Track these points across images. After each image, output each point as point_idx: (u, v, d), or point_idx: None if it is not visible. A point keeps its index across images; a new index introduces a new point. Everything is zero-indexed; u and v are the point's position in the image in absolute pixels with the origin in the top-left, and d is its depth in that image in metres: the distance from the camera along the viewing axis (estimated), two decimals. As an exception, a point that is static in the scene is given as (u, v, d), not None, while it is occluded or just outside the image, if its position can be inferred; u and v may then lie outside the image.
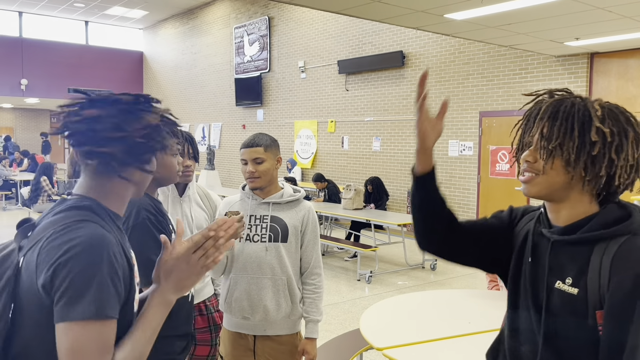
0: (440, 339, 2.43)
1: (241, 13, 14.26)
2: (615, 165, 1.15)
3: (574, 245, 1.18)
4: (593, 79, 7.81)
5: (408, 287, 6.29)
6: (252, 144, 2.24)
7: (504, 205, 6.15)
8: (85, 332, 1.02)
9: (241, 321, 2.25)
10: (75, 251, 1.03)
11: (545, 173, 1.19)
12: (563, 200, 1.21)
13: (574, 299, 1.15)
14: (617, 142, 1.14)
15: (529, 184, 1.23)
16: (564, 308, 1.17)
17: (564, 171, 1.17)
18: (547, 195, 1.22)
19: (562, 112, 1.17)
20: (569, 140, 1.16)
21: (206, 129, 15.86)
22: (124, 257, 1.14)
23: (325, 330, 4.73)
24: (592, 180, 1.17)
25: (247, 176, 2.23)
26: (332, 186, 8.71)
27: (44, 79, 16.95)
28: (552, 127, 1.18)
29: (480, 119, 9.04)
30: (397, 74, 10.33)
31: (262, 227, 2.24)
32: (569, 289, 1.16)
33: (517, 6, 5.30)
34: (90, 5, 15.84)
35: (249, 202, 2.29)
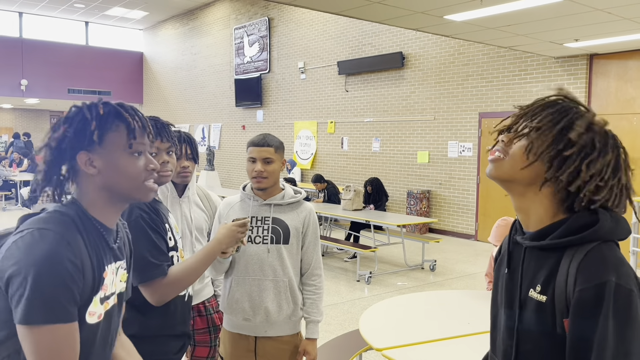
0: (439, 339, 2.44)
1: (241, 14, 14.27)
2: (579, 177, 1.12)
3: (544, 251, 1.16)
4: (592, 81, 7.83)
5: (407, 287, 6.30)
6: (264, 143, 2.20)
7: (503, 207, 6.19)
8: (36, 335, 1.08)
9: (242, 322, 2.24)
10: (26, 261, 1.08)
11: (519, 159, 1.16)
12: (525, 197, 1.19)
13: (543, 307, 1.13)
14: (593, 157, 1.12)
15: (494, 164, 1.21)
16: (534, 317, 1.15)
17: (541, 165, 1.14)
18: (508, 181, 1.19)
19: (558, 106, 1.17)
20: (549, 129, 1.14)
21: (206, 130, 15.87)
22: (90, 269, 1.18)
23: (325, 330, 4.74)
24: (550, 179, 1.14)
25: (255, 175, 2.20)
26: (331, 187, 8.71)
27: (44, 80, 16.96)
28: (541, 112, 1.16)
29: (480, 120, 9.05)
30: (397, 75, 10.35)
31: (264, 229, 2.24)
32: (538, 296, 1.14)
33: (516, 7, 5.31)
34: (91, 5, 15.85)
35: (250, 203, 2.28)
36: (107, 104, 1.25)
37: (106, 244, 1.25)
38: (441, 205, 9.73)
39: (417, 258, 7.67)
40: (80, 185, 1.24)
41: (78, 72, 17.57)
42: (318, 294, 2.31)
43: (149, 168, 1.28)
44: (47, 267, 1.08)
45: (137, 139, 1.26)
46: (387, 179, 10.49)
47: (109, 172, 1.23)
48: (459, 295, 3.15)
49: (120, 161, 1.24)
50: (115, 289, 1.30)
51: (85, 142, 1.21)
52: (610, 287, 1.03)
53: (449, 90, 9.50)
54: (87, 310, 1.19)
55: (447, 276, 6.86)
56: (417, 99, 10.02)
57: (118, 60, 18.54)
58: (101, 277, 1.21)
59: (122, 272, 1.33)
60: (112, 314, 1.29)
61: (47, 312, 1.08)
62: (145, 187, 1.27)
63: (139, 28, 18.88)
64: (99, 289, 1.21)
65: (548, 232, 1.15)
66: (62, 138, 1.21)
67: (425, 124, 9.91)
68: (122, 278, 1.34)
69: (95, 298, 1.20)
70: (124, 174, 1.24)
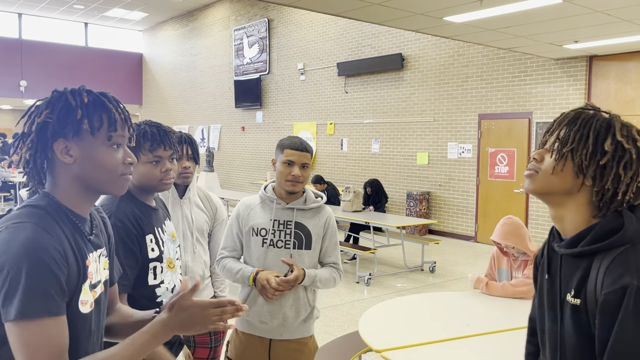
0: (438, 341, 2.43)
1: (241, 15, 14.28)
2: (621, 181, 1.16)
3: (577, 257, 1.21)
4: (592, 82, 7.83)
5: (407, 289, 6.29)
6: (304, 148, 2.19)
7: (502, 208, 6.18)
8: (25, 331, 1.06)
9: (258, 325, 2.23)
10: (8, 255, 1.06)
11: (554, 174, 1.22)
12: (563, 206, 1.24)
13: (578, 310, 1.18)
14: (627, 159, 1.17)
15: (529, 179, 1.28)
16: (572, 320, 1.21)
17: (574, 176, 1.20)
18: (544, 194, 1.25)
19: (582, 120, 1.22)
20: (583, 146, 1.19)
21: (205, 131, 15.87)
22: (73, 258, 1.16)
23: (325, 332, 4.73)
24: (599, 191, 1.19)
25: (291, 179, 2.16)
26: (331, 188, 8.71)
27: (43, 81, 16.95)
28: (569, 131, 1.22)
29: (480, 122, 9.05)
30: (397, 77, 10.35)
31: (286, 233, 2.21)
32: (573, 300, 1.20)
33: (516, 9, 5.31)
34: (90, 7, 15.85)
35: (273, 206, 2.25)
36: (90, 92, 1.23)
37: (82, 233, 1.23)
38: (441, 206, 9.72)
39: (416, 260, 7.66)
40: (53, 175, 1.21)
41: (77, 74, 17.56)
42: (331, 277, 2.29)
43: (126, 161, 1.24)
44: (31, 257, 1.06)
45: (117, 131, 1.23)
46: (387, 180, 10.48)
47: (85, 162, 1.20)
48: (458, 297, 3.14)
49: (98, 152, 1.20)
50: (101, 277, 1.28)
51: (64, 130, 1.18)
52: (632, 289, 1.08)
53: (449, 92, 9.50)
54: (79, 300, 1.18)
55: (447, 278, 6.85)
56: (416, 101, 10.02)
57: (117, 61, 18.55)
58: (85, 265, 1.20)
59: (103, 259, 1.32)
60: (100, 302, 1.28)
61: (41, 305, 1.06)
62: (120, 181, 1.24)
63: (139, 29, 18.88)
64: (85, 276, 1.19)
65: (580, 239, 1.20)
66: (44, 125, 1.18)
67: (424, 126, 9.91)
68: (105, 265, 1.32)
69: (84, 286, 1.19)
70: (101, 165, 1.21)
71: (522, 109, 8.49)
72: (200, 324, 1.22)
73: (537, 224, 8.34)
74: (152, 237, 1.81)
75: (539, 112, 8.27)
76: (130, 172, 1.27)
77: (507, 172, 8.71)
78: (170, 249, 1.90)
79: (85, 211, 1.26)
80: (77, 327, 1.17)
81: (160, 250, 1.83)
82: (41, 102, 1.22)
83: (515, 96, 8.58)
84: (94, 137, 1.20)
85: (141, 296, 1.76)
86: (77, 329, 1.17)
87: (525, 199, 8.50)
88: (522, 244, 3.08)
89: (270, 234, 2.21)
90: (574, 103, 7.87)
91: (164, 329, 1.21)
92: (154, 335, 1.20)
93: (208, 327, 1.22)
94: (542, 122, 8.22)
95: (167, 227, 1.93)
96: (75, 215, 1.22)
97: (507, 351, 2.35)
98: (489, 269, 3.41)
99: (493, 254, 3.35)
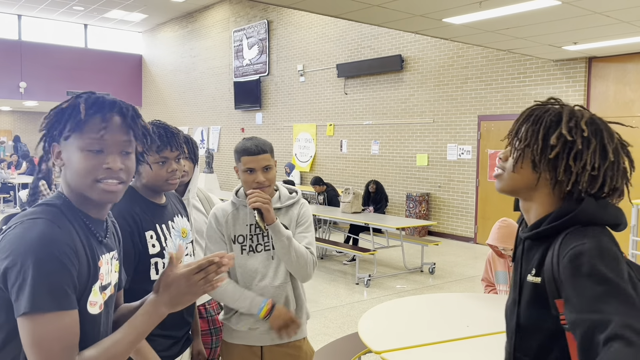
0: (438, 342, 2.43)
1: (240, 17, 14.28)
2: (572, 172, 1.20)
3: (538, 239, 1.26)
4: (591, 84, 7.84)
5: (406, 290, 6.29)
6: (259, 150, 2.04)
7: (502, 209, 6.17)
8: (37, 325, 1.06)
9: (247, 333, 2.15)
10: (21, 249, 1.07)
11: (515, 171, 1.27)
12: (531, 199, 1.29)
13: (538, 288, 1.22)
14: (576, 150, 1.19)
15: (497, 180, 1.34)
16: (532, 299, 1.24)
17: (532, 172, 1.25)
18: (511, 192, 1.30)
19: (534, 116, 1.26)
20: (534, 142, 1.23)
21: (205, 132, 15.87)
22: (84, 256, 1.17)
23: (324, 333, 4.73)
24: (555, 183, 1.23)
25: (256, 187, 2.05)
26: (330, 190, 8.71)
27: (43, 82, 16.96)
28: (523, 129, 1.27)
29: (479, 123, 9.06)
30: (396, 78, 10.35)
31: (264, 235, 2.14)
32: (534, 279, 1.23)
33: (515, 11, 5.32)
34: (90, 8, 15.86)
35: (247, 211, 2.15)
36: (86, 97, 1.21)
37: (95, 235, 1.24)
38: (440, 208, 9.72)
39: (416, 261, 7.66)
40: (63, 177, 1.24)
41: (77, 75, 17.57)
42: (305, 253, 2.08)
43: (103, 167, 1.19)
44: (43, 251, 1.07)
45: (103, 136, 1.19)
46: (386, 181, 10.48)
47: (67, 167, 1.21)
48: (458, 298, 3.14)
49: (73, 156, 1.19)
50: (111, 280, 1.29)
51: (57, 135, 1.21)
52: (583, 252, 1.10)
53: (448, 93, 9.50)
54: (87, 301, 1.18)
55: (446, 279, 6.85)
56: (416, 102, 10.02)
57: (117, 62, 18.55)
58: (96, 265, 1.21)
59: (115, 262, 1.32)
60: (109, 305, 1.29)
61: (53, 299, 1.07)
62: (97, 187, 1.19)
63: (138, 31, 18.89)
64: (96, 277, 1.20)
65: (541, 222, 1.25)
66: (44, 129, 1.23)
67: (424, 127, 9.91)
68: (116, 268, 1.33)
69: (94, 287, 1.20)
70: (75, 170, 1.19)
71: (521, 110, 8.46)
72: (190, 293, 1.21)
73: (536, 225, 8.34)
74: (152, 233, 1.83)
75: (539, 113, 8.27)
76: (114, 177, 1.20)
77: (507, 174, 8.71)
78: (171, 246, 1.90)
79: (96, 213, 1.26)
80: (85, 328, 1.17)
81: (162, 246, 1.85)
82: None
83: (515, 97, 8.58)
84: (74, 141, 1.19)
85: (144, 291, 1.77)
86: (85, 330, 1.18)
87: (525, 200, 8.50)
88: None
89: (249, 239, 2.13)
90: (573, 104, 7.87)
91: (156, 308, 1.21)
92: (149, 315, 1.21)
93: (198, 293, 1.21)
94: (542, 123, 8.22)
95: (177, 223, 1.95)
96: (87, 217, 1.23)
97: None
98: (485, 273, 3.41)
99: (488, 258, 3.34)
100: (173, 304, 1.21)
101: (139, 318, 1.20)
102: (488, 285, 3.41)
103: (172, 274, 1.22)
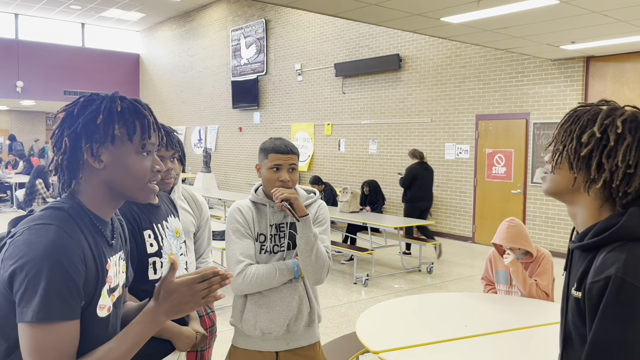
0: (436, 342, 2.42)
1: (238, 16, 14.26)
2: (605, 169, 1.16)
3: (584, 251, 1.23)
4: (589, 83, 7.84)
5: (404, 290, 6.28)
6: (288, 150, 2.07)
7: (500, 208, 6.16)
8: (40, 333, 1.06)
9: (261, 338, 2.10)
10: (30, 256, 1.06)
11: (555, 172, 1.26)
12: (573, 203, 1.26)
13: (579, 303, 1.19)
14: (609, 147, 1.16)
15: (543, 181, 1.31)
16: (575, 312, 1.22)
17: (569, 173, 1.23)
18: (555, 194, 1.28)
19: (573, 117, 1.24)
20: (569, 142, 1.22)
21: (202, 132, 15.85)
22: (92, 262, 1.16)
23: (322, 333, 4.72)
24: (591, 183, 1.19)
25: (279, 185, 2.04)
26: (328, 189, 8.70)
27: (40, 81, 16.91)
28: (561, 129, 1.26)
29: (477, 122, 9.06)
30: (394, 77, 10.35)
31: (280, 237, 2.12)
32: (576, 293, 1.21)
33: (513, 10, 5.31)
34: (87, 7, 15.82)
35: (267, 210, 2.13)
36: (124, 98, 1.24)
37: (103, 237, 1.23)
38: (438, 207, 9.72)
39: (414, 261, 7.66)
40: (83, 178, 1.22)
41: (74, 74, 17.53)
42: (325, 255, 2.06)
43: (154, 169, 1.25)
44: (52, 260, 1.06)
45: (150, 139, 1.24)
46: (384, 181, 10.48)
47: (115, 168, 1.21)
48: (455, 298, 3.13)
49: (130, 159, 1.21)
50: (119, 281, 1.29)
51: (97, 136, 1.19)
52: (614, 280, 1.07)
53: (446, 93, 9.50)
54: (97, 304, 1.18)
55: (444, 279, 6.85)
56: (414, 101, 10.02)
57: (114, 62, 18.52)
58: (104, 269, 1.21)
59: (122, 262, 1.33)
60: (118, 306, 1.29)
61: (58, 309, 1.07)
62: (147, 188, 1.25)
63: (136, 30, 18.85)
64: (104, 281, 1.20)
65: (586, 234, 1.22)
66: (75, 128, 1.19)
67: (422, 126, 9.91)
68: (123, 269, 1.34)
69: (103, 291, 1.19)
70: (131, 172, 1.21)
71: (519, 109, 8.50)
72: (191, 302, 1.20)
73: (534, 225, 8.34)
74: (150, 232, 1.82)
75: (536, 112, 8.28)
76: (158, 179, 1.28)
77: (505, 173, 8.71)
78: (173, 245, 1.90)
79: (107, 215, 1.26)
80: (94, 331, 1.18)
81: (160, 245, 1.84)
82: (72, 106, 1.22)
83: (513, 97, 8.58)
84: (126, 144, 1.21)
85: (142, 291, 1.77)
86: (95, 332, 1.18)
87: (523, 199, 8.50)
88: (529, 245, 3.06)
89: (269, 240, 2.11)
90: (571, 104, 7.88)
91: (154, 317, 1.19)
92: (146, 324, 1.19)
93: (200, 303, 1.20)
94: (540, 122, 8.22)
95: (171, 223, 1.94)
96: (98, 219, 1.23)
97: (504, 352, 2.34)
98: (485, 272, 3.39)
99: (489, 257, 3.33)
100: (173, 312, 1.20)
101: (135, 327, 1.19)
102: (488, 284, 3.40)
103: (174, 280, 1.21)
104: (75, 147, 1.19)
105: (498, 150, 8.79)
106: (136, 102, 1.24)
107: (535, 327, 2.63)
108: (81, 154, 1.19)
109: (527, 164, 8.45)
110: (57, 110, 1.24)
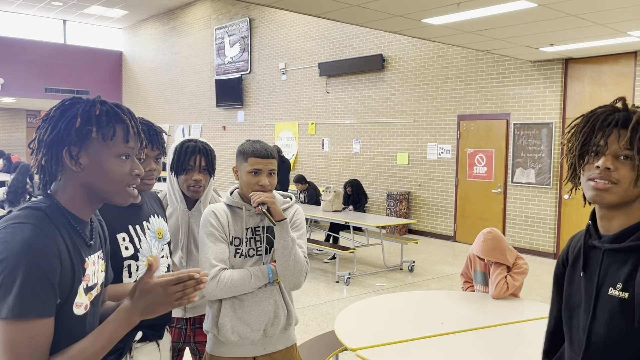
0: (413, 339, 2.47)
1: (222, 14, 14.22)
2: None
3: (625, 252, 1.21)
4: (568, 84, 7.98)
5: (386, 288, 6.34)
6: (268, 154, 2.06)
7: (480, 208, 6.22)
8: (12, 330, 1.08)
9: (237, 343, 2.08)
10: (6, 254, 1.09)
11: (629, 184, 1.20)
12: (618, 209, 1.23)
13: (624, 303, 1.18)
14: None
15: (605, 192, 1.21)
16: (613, 313, 1.20)
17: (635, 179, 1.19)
18: (619, 204, 1.22)
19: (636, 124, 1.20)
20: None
21: (186, 130, 15.77)
22: (68, 261, 1.18)
23: (303, 331, 4.75)
24: None
25: (258, 189, 2.04)
26: (312, 188, 8.74)
27: (21, 78, 16.68)
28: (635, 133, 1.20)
29: (459, 122, 9.16)
30: (377, 77, 10.41)
31: (256, 240, 2.10)
32: (620, 293, 1.19)
33: (492, 12, 5.39)
34: (69, 4, 15.64)
35: (243, 213, 2.11)
36: (105, 103, 1.26)
37: (81, 237, 1.25)
38: (420, 206, 9.81)
39: (395, 259, 7.73)
40: (62, 179, 1.24)
41: (56, 71, 17.32)
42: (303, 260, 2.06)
43: (133, 173, 1.27)
44: (27, 259, 1.09)
45: (129, 143, 1.26)
46: (367, 180, 10.54)
47: (93, 171, 1.23)
48: (435, 296, 3.19)
49: (107, 163, 1.23)
50: (98, 280, 1.31)
51: (75, 139, 1.21)
52: None
53: (428, 93, 9.59)
54: (73, 302, 1.20)
55: (425, 277, 6.92)
56: (397, 101, 10.10)
57: (97, 59, 18.32)
58: (82, 268, 1.22)
59: (101, 262, 1.34)
60: (96, 304, 1.31)
61: (33, 306, 1.09)
62: (125, 192, 1.27)
63: (119, 27, 18.68)
64: (80, 279, 1.22)
65: (629, 233, 1.20)
66: (55, 131, 1.21)
67: (405, 126, 9.99)
68: (102, 268, 1.35)
69: (79, 289, 1.21)
70: (109, 176, 1.24)
71: (500, 110, 8.61)
72: (164, 304, 1.23)
73: (514, 224, 8.47)
74: (124, 235, 1.78)
75: (517, 113, 8.40)
76: (137, 183, 1.29)
77: (486, 173, 8.83)
78: (153, 247, 1.85)
79: (87, 216, 1.28)
80: (71, 329, 1.20)
81: (136, 248, 1.79)
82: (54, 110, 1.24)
83: (494, 97, 8.69)
84: (104, 147, 1.23)
85: None
86: (72, 330, 1.20)
87: (503, 199, 8.62)
88: (503, 258, 3.10)
89: (244, 243, 2.09)
90: (550, 105, 8.01)
91: (129, 316, 1.22)
92: (120, 322, 1.22)
93: (173, 305, 1.23)
94: (520, 123, 8.34)
95: (153, 224, 1.88)
96: (76, 220, 1.25)
97: (479, 348, 2.40)
98: (465, 268, 3.46)
99: (470, 255, 3.39)
100: (146, 311, 1.23)
101: (109, 325, 1.22)
102: (467, 282, 3.46)
103: (150, 281, 1.23)
104: (55, 149, 1.21)
105: (479, 150, 8.90)
106: (117, 106, 1.26)
107: (509, 324, 2.70)
108: (61, 156, 1.21)
109: (507, 164, 8.57)
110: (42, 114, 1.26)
